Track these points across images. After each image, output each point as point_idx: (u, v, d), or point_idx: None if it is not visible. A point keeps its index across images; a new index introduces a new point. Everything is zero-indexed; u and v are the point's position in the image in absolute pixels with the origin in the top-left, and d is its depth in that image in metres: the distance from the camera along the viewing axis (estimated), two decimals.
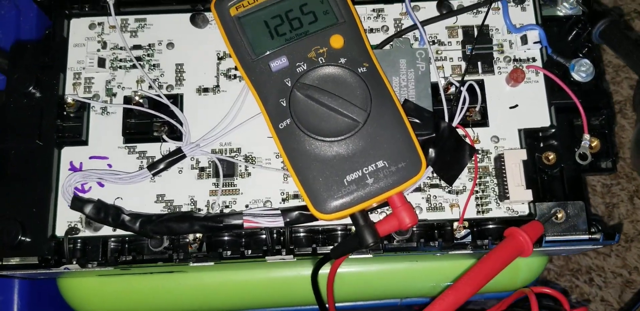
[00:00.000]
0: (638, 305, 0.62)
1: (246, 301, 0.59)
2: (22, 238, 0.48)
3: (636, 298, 0.80)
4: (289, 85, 0.45)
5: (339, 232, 0.48)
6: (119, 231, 0.47)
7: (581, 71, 0.48)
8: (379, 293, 0.60)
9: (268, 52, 0.46)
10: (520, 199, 0.46)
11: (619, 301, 0.88)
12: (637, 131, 0.47)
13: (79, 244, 0.48)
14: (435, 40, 0.51)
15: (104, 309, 0.59)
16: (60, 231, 0.48)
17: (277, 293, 0.59)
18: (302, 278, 0.57)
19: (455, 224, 0.47)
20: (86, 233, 0.48)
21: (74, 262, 0.47)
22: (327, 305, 0.52)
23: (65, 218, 0.49)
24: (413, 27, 0.50)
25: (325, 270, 0.50)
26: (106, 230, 0.48)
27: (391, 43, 0.50)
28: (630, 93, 0.97)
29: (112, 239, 0.48)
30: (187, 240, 0.47)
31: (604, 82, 0.48)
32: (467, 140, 0.48)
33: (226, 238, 0.48)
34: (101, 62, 0.52)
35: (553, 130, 0.48)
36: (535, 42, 0.49)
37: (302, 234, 0.48)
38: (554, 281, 0.89)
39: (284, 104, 0.45)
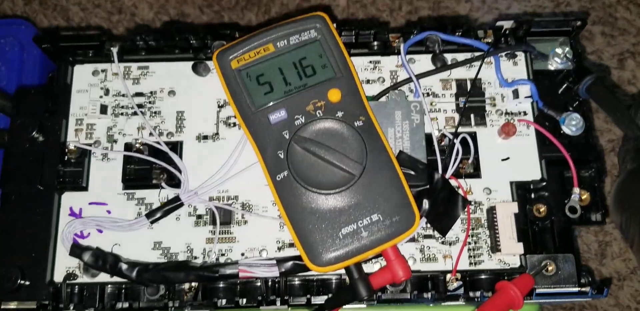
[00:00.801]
0: None
1: None
2: (22, 282, 0.48)
3: None
4: (287, 138, 0.46)
5: (334, 281, 0.48)
6: (116, 278, 0.48)
7: (571, 124, 0.50)
8: None
9: (267, 105, 0.47)
10: (511, 252, 0.47)
11: None
12: (616, 186, 0.48)
13: (76, 290, 0.49)
14: (430, 92, 0.52)
15: None
16: (58, 277, 0.49)
17: None
18: None
19: (448, 276, 0.47)
20: (84, 279, 0.49)
21: (72, 308, 0.47)
22: None
23: (63, 264, 0.49)
24: (408, 79, 0.52)
25: None
26: (103, 277, 0.49)
27: (387, 95, 0.51)
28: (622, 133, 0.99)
29: (109, 286, 0.49)
30: (183, 288, 0.48)
31: (594, 136, 0.49)
32: (460, 191, 0.49)
33: (221, 285, 0.49)
34: (103, 109, 0.53)
35: (544, 183, 0.49)
36: (526, 97, 0.51)
37: (297, 282, 0.49)
38: None
39: (282, 157, 0.46)
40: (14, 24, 0.80)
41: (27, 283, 0.49)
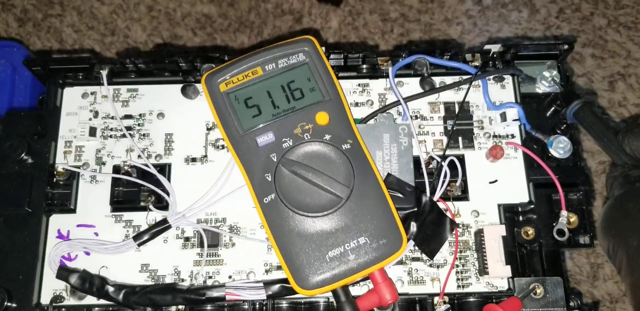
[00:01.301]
0: None
1: None
2: (8, 304, 0.48)
3: None
4: (275, 160, 0.46)
5: (322, 304, 0.48)
6: (103, 301, 0.48)
7: (559, 147, 0.50)
8: None
9: (255, 128, 0.47)
10: (499, 275, 0.46)
11: None
12: (603, 212, 0.48)
13: None
14: (418, 115, 0.53)
15: None
16: (45, 299, 0.49)
17: None
18: None
19: (436, 298, 0.47)
20: (70, 301, 0.49)
21: None
22: None
23: (50, 286, 0.49)
24: (396, 102, 0.52)
25: None
26: (90, 299, 0.48)
27: (375, 118, 0.51)
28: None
29: (96, 308, 0.48)
30: None
31: (582, 159, 0.50)
32: (448, 214, 0.49)
33: (209, 308, 0.49)
34: (92, 131, 0.53)
35: (532, 206, 0.49)
36: (514, 120, 0.51)
37: (284, 305, 0.48)
38: None
39: (269, 179, 0.46)
40: (6, 46, 0.80)
41: (14, 305, 0.48)
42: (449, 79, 0.53)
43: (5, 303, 0.48)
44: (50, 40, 1.00)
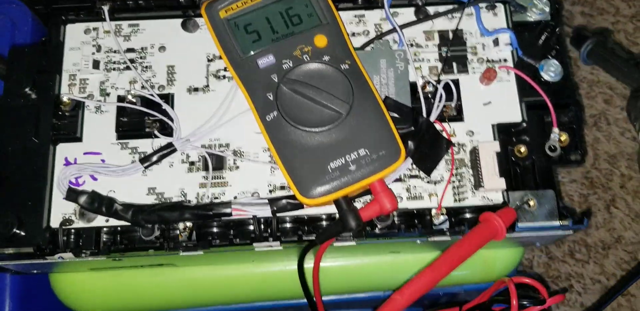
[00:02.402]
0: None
1: (235, 295, 0.61)
2: (17, 232, 0.49)
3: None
4: (276, 80, 0.47)
5: (324, 221, 0.50)
6: (112, 222, 0.49)
7: (550, 70, 0.52)
8: (363, 286, 0.62)
9: (256, 51, 0.49)
10: (494, 187, 0.48)
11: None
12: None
13: (72, 235, 0.50)
14: (414, 44, 0.54)
15: (96, 304, 0.60)
16: (55, 223, 0.50)
17: (266, 287, 0.60)
18: (289, 272, 0.59)
19: (434, 211, 0.49)
20: (80, 224, 0.50)
21: (68, 251, 0.48)
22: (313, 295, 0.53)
23: (59, 211, 0.50)
24: (392, 30, 0.53)
25: (310, 264, 0.52)
26: (99, 221, 0.50)
27: (372, 45, 0.53)
28: (605, 107, 1.01)
29: (105, 229, 0.50)
30: (178, 231, 0.49)
31: (572, 81, 0.51)
32: (444, 134, 0.51)
33: (215, 229, 0.50)
34: (96, 64, 0.54)
35: (524, 125, 0.51)
36: (506, 44, 0.53)
37: (288, 224, 0.50)
38: None
39: (271, 98, 0.47)
40: (5, 2, 0.81)
41: (24, 230, 0.49)
42: (443, 8, 0.55)
43: (15, 229, 0.49)
44: None
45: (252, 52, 0.49)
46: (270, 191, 0.50)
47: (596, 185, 0.97)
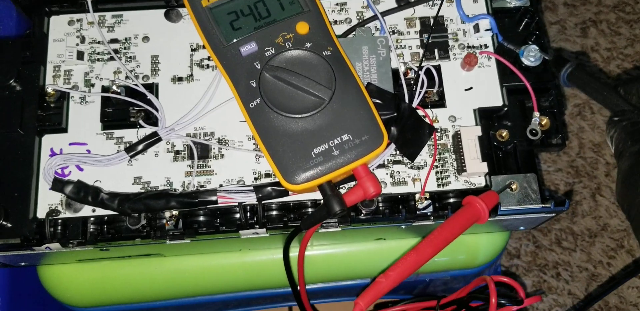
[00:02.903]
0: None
1: (223, 284, 0.61)
2: (4, 223, 0.49)
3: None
4: (259, 67, 0.48)
5: (309, 208, 0.50)
6: (98, 212, 0.50)
7: (530, 56, 0.52)
8: (349, 274, 0.62)
9: (238, 39, 0.49)
10: (476, 171, 0.49)
11: (585, 294, 0.91)
12: (624, 170, 0.47)
13: (59, 226, 0.50)
14: (395, 31, 0.55)
15: (84, 296, 0.60)
16: (41, 214, 0.50)
17: (253, 276, 0.61)
18: (276, 261, 0.59)
19: (417, 195, 0.49)
20: (66, 214, 0.50)
21: (55, 241, 0.49)
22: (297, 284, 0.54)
23: (46, 201, 0.50)
24: (374, 17, 0.54)
25: (296, 253, 0.52)
26: (86, 211, 0.50)
27: (354, 32, 0.53)
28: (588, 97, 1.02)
29: (92, 219, 0.50)
30: (164, 220, 0.49)
31: (552, 66, 0.52)
32: (427, 120, 0.51)
33: (201, 218, 0.51)
34: (80, 55, 0.54)
35: (505, 109, 0.52)
36: (486, 30, 0.53)
37: (274, 212, 0.50)
38: (523, 277, 0.92)
39: (254, 85, 0.48)
40: None
41: (10, 222, 0.50)
42: None
43: (2, 221, 0.49)
44: None
45: (234, 40, 0.49)
46: (256, 179, 0.51)
47: (581, 174, 0.98)
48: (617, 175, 0.48)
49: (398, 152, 0.51)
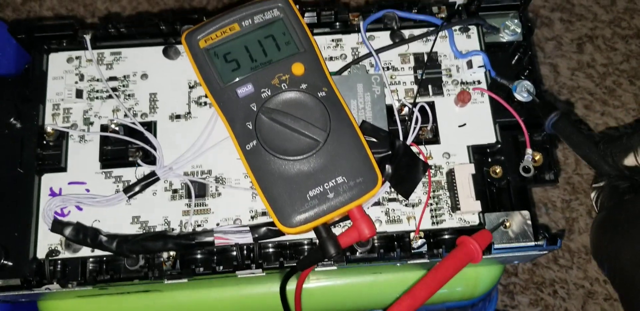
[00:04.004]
0: None
1: None
2: (5, 262, 0.50)
3: None
4: (255, 109, 0.49)
5: (305, 246, 0.51)
6: (97, 252, 0.50)
7: (523, 91, 0.53)
8: (345, 306, 0.63)
9: (235, 80, 0.50)
10: (470, 209, 0.49)
11: None
12: (596, 225, 0.48)
13: (59, 266, 0.50)
14: (390, 67, 0.55)
15: None
16: (41, 254, 0.51)
17: (249, 309, 0.61)
18: (273, 294, 0.60)
19: (412, 234, 0.50)
20: (66, 254, 0.51)
21: (55, 282, 0.49)
22: None
23: (45, 241, 0.51)
24: (369, 54, 0.55)
25: (293, 286, 0.53)
26: (85, 252, 0.51)
27: (349, 69, 0.54)
28: (585, 113, 1.03)
29: (91, 259, 0.51)
30: (162, 259, 0.50)
31: (539, 111, 0.52)
32: (421, 157, 0.52)
33: (199, 256, 0.51)
34: (79, 93, 0.55)
35: (499, 146, 0.52)
36: (479, 66, 0.54)
37: (270, 250, 0.51)
38: (520, 295, 0.93)
39: (250, 127, 0.48)
40: None
41: (11, 261, 0.50)
42: (417, 32, 0.56)
43: (2, 260, 0.50)
44: (26, 18, 1.01)
45: (231, 82, 0.50)
46: (252, 217, 0.51)
47: (578, 190, 0.98)
48: (591, 229, 0.49)
49: (393, 190, 0.51)
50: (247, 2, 0.52)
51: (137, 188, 0.51)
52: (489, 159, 0.53)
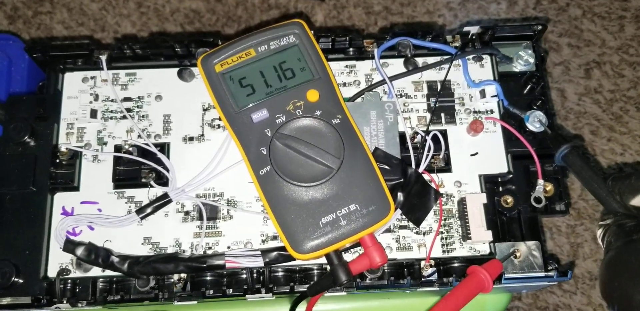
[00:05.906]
0: None
1: None
2: (16, 280, 0.50)
3: None
4: (269, 135, 0.49)
5: (315, 271, 0.51)
6: (108, 272, 0.50)
7: (535, 121, 0.53)
8: None
9: (250, 105, 0.50)
10: (481, 239, 0.50)
11: None
12: (605, 266, 0.47)
13: (69, 285, 0.51)
14: (403, 94, 0.56)
15: None
16: (52, 272, 0.51)
17: None
18: None
19: (423, 262, 0.50)
20: (76, 274, 0.51)
21: (65, 301, 0.49)
22: None
23: (57, 260, 0.51)
24: (382, 82, 0.55)
25: (302, 309, 0.53)
26: (95, 271, 0.51)
27: (362, 96, 0.55)
28: (591, 138, 1.03)
29: (101, 279, 0.51)
30: (172, 280, 0.50)
31: (550, 143, 0.53)
32: (433, 185, 0.52)
33: (209, 278, 0.51)
34: (93, 113, 0.55)
35: (510, 176, 0.53)
36: (492, 96, 0.54)
37: (280, 273, 0.51)
38: None
39: (264, 153, 0.49)
40: (1, 39, 0.82)
41: (22, 279, 0.51)
42: (431, 60, 0.57)
43: (13, 278, 0.50)
44: (41, 37, 1.02)
45: (246, 106, 0.50)
46: (263, 241, 0.52)
47: (583, 216, 0.98)
48: (600, 268, 0.49)
49: (404, 217, 0.52)
50: (260, 27, 0.53)
51: (149, 210, 0.51)
52: (500, 189, 0.53)
